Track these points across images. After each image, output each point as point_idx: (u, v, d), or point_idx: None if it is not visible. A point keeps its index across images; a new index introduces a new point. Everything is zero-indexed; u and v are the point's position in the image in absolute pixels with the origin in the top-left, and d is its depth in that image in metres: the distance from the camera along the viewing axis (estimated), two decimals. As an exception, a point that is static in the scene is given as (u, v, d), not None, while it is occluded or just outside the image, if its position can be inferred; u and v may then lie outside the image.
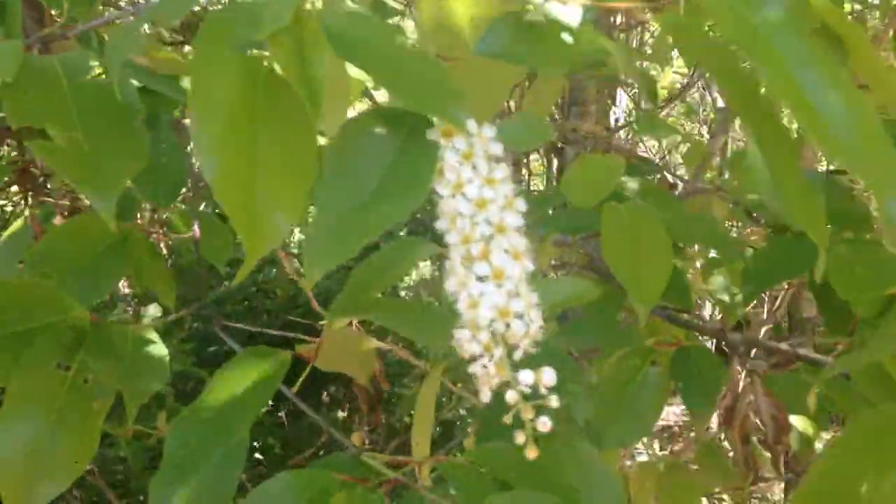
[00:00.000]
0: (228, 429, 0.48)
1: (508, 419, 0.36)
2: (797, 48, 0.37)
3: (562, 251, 0.87)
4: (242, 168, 0.39)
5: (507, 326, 0.36)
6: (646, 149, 2.76)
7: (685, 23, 0.41)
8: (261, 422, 2.00)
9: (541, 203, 0.83)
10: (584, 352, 0.87)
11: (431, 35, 0.49)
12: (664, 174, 1.07)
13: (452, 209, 0.39)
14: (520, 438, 0.36)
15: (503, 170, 0.40)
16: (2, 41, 0.58)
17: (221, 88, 0.39)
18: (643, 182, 0.83)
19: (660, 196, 0.79)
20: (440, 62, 0.44)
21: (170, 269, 0.85)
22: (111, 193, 0.46)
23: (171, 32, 1.29)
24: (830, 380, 0.61)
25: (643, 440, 2.33)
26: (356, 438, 0.62)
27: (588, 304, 0.67)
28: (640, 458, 1.90)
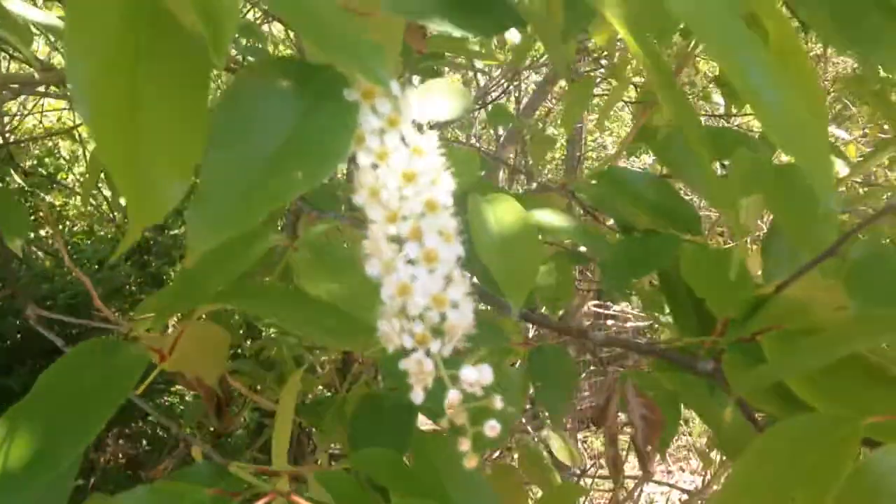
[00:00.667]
0: (64, 446, 0.40)
1: (445, 423, 0.31)
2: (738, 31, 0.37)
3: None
4: (123, 112, 0.32)
5: (443, 317, 0.32)
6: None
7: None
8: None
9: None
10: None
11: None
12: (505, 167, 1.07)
13: (374, 182, 0.34)
14: (464, 446, 0.31)
15: (432, 139, 0.35)
16: None
17: (100, 20, 0.32)
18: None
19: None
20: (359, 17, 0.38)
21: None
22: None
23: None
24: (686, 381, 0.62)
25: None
26: (195, 453, 0.55)
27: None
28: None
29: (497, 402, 0.31)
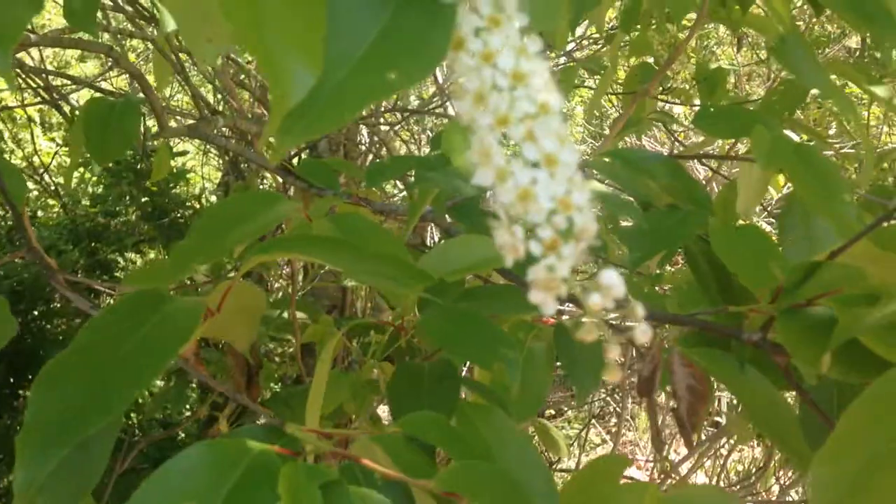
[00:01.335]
0: (114, 396, 0.35)
1: (592, 332, 0.28)
2: None
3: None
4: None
5: (570, 221, 0.29)
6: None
7: None
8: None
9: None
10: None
11: None
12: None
13: (481, 85, 0.31)
14: (612, 354, 0.28)
15: (536, 40, 0.33)
16: None
17: None
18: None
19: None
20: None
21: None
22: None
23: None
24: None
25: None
26: (222, 425, 0.50)
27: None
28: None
29: (640, 309, 0.28)
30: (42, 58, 2.12)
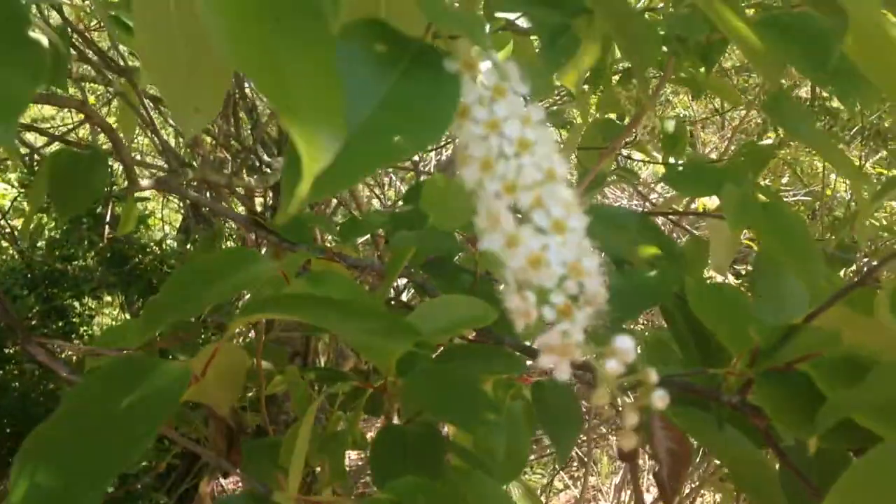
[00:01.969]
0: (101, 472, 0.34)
1: (605, 397, 0.28)
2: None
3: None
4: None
5: (581, 286, 0.29)
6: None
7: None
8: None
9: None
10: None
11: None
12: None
13: (487, 153, 0.31)
14: (631, 420, 0.28)
15: (539, 108, 0.33)
16: None
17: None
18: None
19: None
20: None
21: None
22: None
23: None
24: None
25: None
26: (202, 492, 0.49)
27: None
28: None
29: (653, 375, 0.28)
30: None
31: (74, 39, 1.19)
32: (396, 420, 0.65)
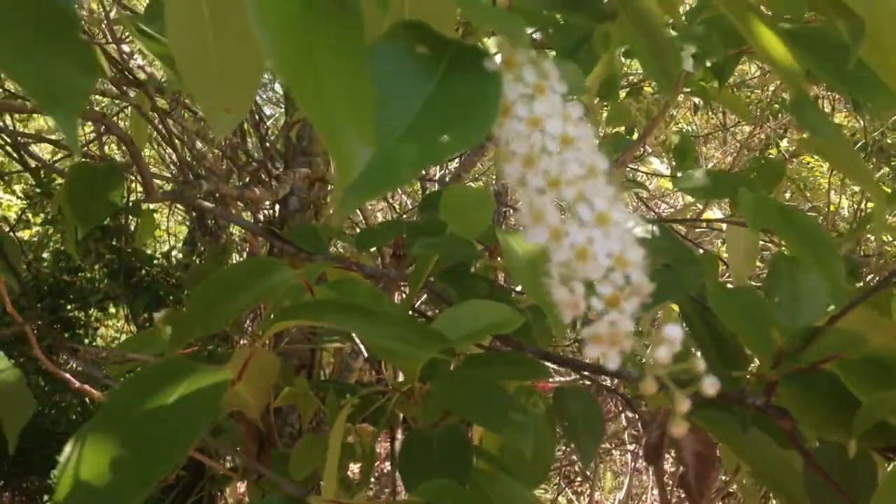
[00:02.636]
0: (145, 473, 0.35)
1: (653, 384, 0.28)
2: None
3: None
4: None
5: (627, 278, 0.30)
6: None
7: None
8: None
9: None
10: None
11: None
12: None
13: (532, 148, 0.32)
14: (682, 407, 0.28)
15: (579, 108, 0.34)
16: None
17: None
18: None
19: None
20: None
21: None
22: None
23: None
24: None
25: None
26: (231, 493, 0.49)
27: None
28: None
29: (700, 363, 0.28)
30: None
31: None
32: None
